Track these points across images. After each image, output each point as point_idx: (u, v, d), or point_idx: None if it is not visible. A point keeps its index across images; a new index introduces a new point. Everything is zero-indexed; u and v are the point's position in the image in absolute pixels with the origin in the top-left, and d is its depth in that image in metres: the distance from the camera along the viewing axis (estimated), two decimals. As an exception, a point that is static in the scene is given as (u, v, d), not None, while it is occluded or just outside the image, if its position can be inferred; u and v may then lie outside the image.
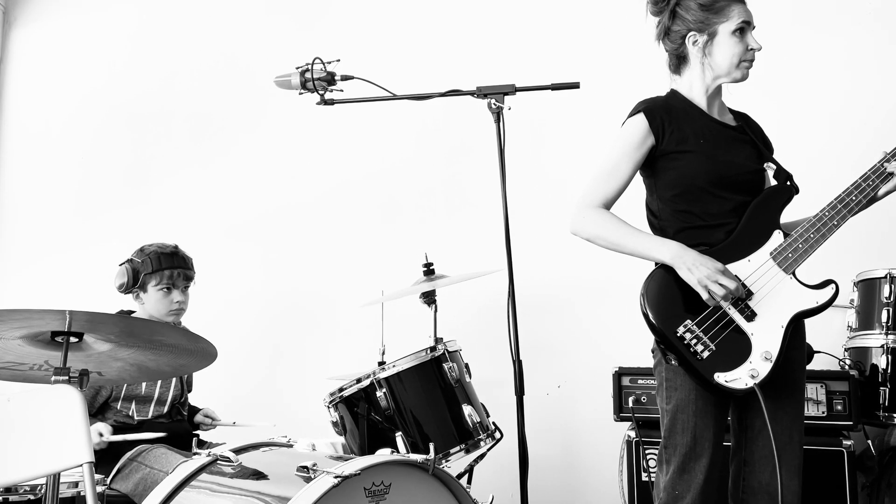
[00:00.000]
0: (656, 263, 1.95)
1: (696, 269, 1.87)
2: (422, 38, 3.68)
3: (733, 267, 1.92)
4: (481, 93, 2.26)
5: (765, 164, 2.03)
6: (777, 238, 1.96)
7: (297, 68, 2.31)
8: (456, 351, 2.41)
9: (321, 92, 2.31)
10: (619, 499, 2.80)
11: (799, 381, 2.00)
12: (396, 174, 3.64)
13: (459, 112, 3.29)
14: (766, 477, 1.92)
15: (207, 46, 3.94)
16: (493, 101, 2.24)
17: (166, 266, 2.63)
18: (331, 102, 2.34)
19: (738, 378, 1.85)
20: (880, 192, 1.97)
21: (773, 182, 2.04)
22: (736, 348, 1.88)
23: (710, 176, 1.96)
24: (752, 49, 2.01)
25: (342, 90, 2.34)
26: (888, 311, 2.61)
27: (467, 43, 3.61)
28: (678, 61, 2.09)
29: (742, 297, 1.90)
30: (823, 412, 2.54)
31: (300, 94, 2.34)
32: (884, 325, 2.61)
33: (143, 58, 4.01)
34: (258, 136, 3.83)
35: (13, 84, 4.17)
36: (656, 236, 2.00)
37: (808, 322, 2.00)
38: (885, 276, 2.64)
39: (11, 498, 1.86)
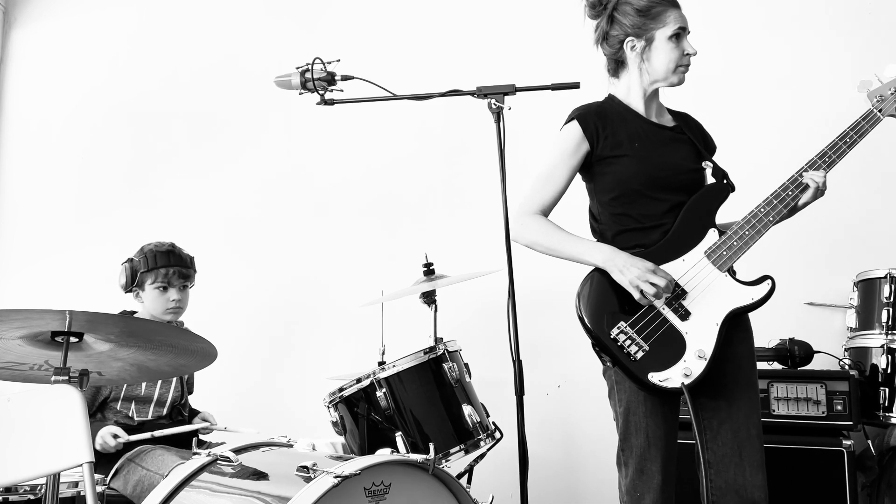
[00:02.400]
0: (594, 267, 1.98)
1: (626, 270, 1.89)
2: (422, 38, 3.68)
3: (667, 267, 1.94)
4: (481, 93, 2.26)
5: (703, 164, 2.05)
6: (712, 236, 1.98)
7: (298, 68, 2.30)
8: (456, 351, 2.41)
9: (321, 92, 2.31)
10: (619, 499, 2.79)
11: (749, 376, 2.00)
12: (396, 174, 3.64)
13: (459, 112, 3.30)
14: (731, 475, 1.93)
15: (207, 46, 3.94)
16: (493, 101, 2.24)
17: (162, 264, 2.63)
18: (331, 102, 2.33)
19: (671, 377, 1.87)
20: (799, 203, 1.99)
21: (712, 181, 2.06)
22: (670, 348, 1.89)
23: (644, 178, 1.99)
24: (688, 54, 2.05)
25: (342, 90, 2.33)
26: (888, 311, 2.61)
27: (467, 43, 3.61)
28: (616, 65, 2.12)
29: (676, 297, 1.92)
30: (823, 412, 2.54)
31: (300, 94, 2.33)
32: (884, 325, 2.62)
33: (142, 58, 4.01)
34: (258, 136, 3.83)
35: (13, 84, 4.17)
36: (589, 240, 2.03)
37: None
38: (885, 276, 2.64)
39: (11, 498, 1.86)
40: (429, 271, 2.70)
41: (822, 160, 2.00)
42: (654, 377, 1.87)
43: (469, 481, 2.58)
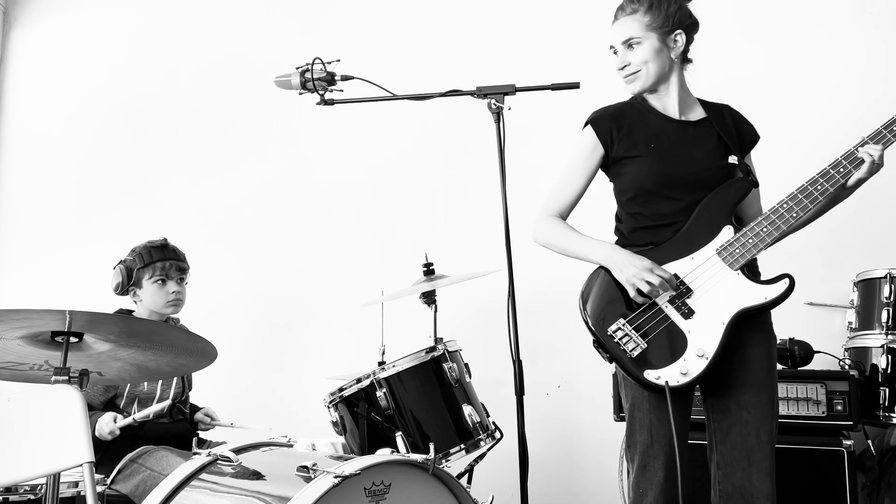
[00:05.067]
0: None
1: (624, 268, 1.91)
2: (422, 38, 3.68)
3: (675, 265, 1.93)
4: (481, 93, 2.26)
5: (729, 158, 2.00)
6: (726, 233, 1.94)
7: (297, 68, 2.30)
8: (456, 351, 2.41)
9: (321, 92, 2.31)
10: (619, 499, 2.80)
11: (763, 381, 1.94)
12: (396, 174, 3.64)
13: (459, 112, 3.29)
14: (738, 479, 1.91)
15: (207, 47, 3.94)
16: (493, 101, 2.24)
17: (157, 258, 2.66)
18: (331, 102, 2.34)
19: (666, 376, 1.86)
20: (850, 181, 1.90)
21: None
22: (669, 346, 1.88)
23: (658, 178, 1.99)
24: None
25: (342, 90, 2.34)
26: (888, 311, 2.61)
27: (467, 43, 3.61)
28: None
29: (680, 295, 1.91)
30: (823, 412, 2.54)
31: (300, 94, 2.33)
32: (884, 325, 2.61)
33: (142, 58, 4.01)
34: (258, 136, 3.83)
35: (13, 84, 4.17)
36: (594, 239, 2.03)
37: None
38: (885, 276, 2.64)
39: (11, 498, 1.86)
40: (429, 271, 2.70)
41: (879, 138, 1.88)
42: (650, 374, 1.87)
43: (469, 481, 2.58)
